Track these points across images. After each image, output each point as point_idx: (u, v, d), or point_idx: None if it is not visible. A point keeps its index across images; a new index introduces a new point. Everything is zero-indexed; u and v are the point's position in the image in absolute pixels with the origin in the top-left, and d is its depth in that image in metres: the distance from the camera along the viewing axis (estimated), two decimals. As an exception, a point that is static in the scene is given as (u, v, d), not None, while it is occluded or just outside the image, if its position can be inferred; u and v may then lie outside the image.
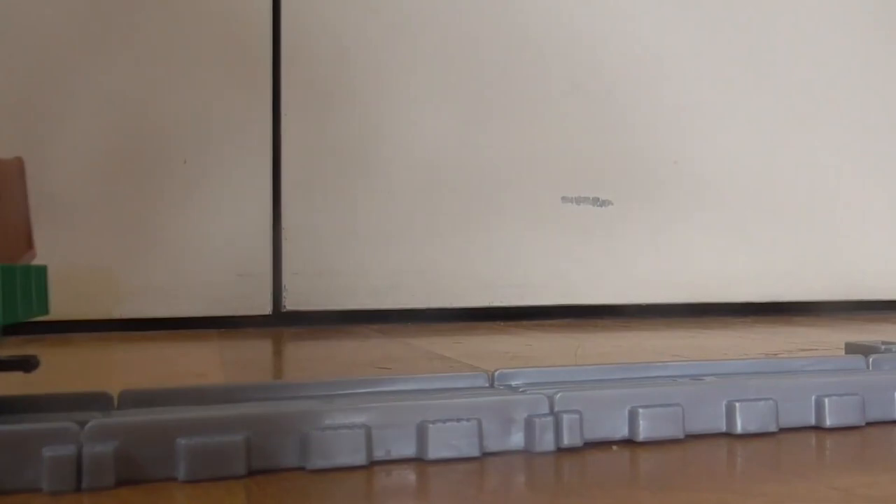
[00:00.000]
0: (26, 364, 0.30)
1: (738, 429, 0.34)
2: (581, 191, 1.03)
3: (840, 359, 0.42)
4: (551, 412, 0.32)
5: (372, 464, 0.30)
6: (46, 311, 0.32)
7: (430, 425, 0.30)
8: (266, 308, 0.94)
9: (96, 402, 0.32)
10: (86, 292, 0.88)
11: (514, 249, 1.00)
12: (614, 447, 0.33)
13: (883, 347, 0.43)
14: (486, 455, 0.31)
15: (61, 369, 0.62)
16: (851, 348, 0.45)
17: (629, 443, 0.33)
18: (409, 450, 0.31)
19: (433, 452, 0.30)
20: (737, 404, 0.34)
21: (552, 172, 1.02)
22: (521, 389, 0.34)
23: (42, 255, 0.97)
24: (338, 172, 0.95)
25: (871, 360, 0.41)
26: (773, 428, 0.35)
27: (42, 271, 0.32)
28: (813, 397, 0.36)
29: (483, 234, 1.00)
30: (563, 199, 1.02)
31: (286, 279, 0.94)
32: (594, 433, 0.33)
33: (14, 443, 0.27)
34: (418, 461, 0.30)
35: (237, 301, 0.93)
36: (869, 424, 0.36)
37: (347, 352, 0.71)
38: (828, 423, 0.35)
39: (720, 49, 1.09)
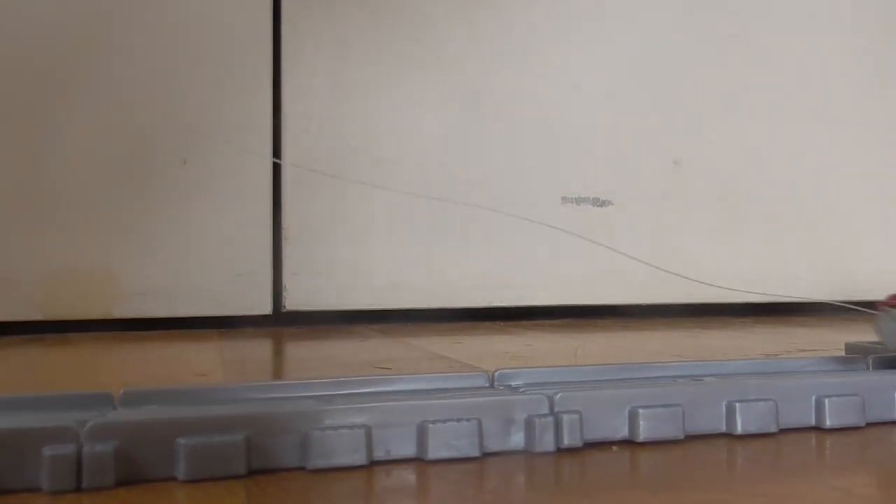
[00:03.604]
0: None
1: (738, 429, 0.34)
2: (581, 191, 1.03)
3: (840, 359, 0.42)
4: (551, 412, 0.32)
5: (372, 464, 0.30)
6: None
7: (430, 425, 0.30)
8: (266, 308, 0.94)
9: (96, 401, 0.32)
10: (86, 292, 0.88)
11: (515, 249, 1.00)
12: (614, 447, 0.33)
13: (883, 348, 0.43)
14: (486, 455, 0.31)
15: (61, 369, 0.62)
16: (851, 348, 0.45)
17: (629, 443, 0.33)
18: (409, 450, 0.31)
19: (433, 452, 0.30)
20: (737, 405, 0.34)
21: (552, 172, 1.02)
22: (521, 389, 0.34)
23: (42, 254, 0.97)
24: (338, 172, 0.95)
25: (871, 360, 0.41)
26: (773, 428, 0.35)
27: None
28: (813, 398, 0.36)
29: (483, 233, 0.99)
30: (563, 199, 1.02)
31: (286, 279, 0.94)
32: (594, 433, 0.33)
33: (14, 442, 0.27)
34: (418, 461, 0.30)
35: (237, 301, 0.92)
36: (869, 425, 0.36)
37: (347, 352, 0.71)
38: (828, 423, 0.35)
39: (719, 48, 1.09)
